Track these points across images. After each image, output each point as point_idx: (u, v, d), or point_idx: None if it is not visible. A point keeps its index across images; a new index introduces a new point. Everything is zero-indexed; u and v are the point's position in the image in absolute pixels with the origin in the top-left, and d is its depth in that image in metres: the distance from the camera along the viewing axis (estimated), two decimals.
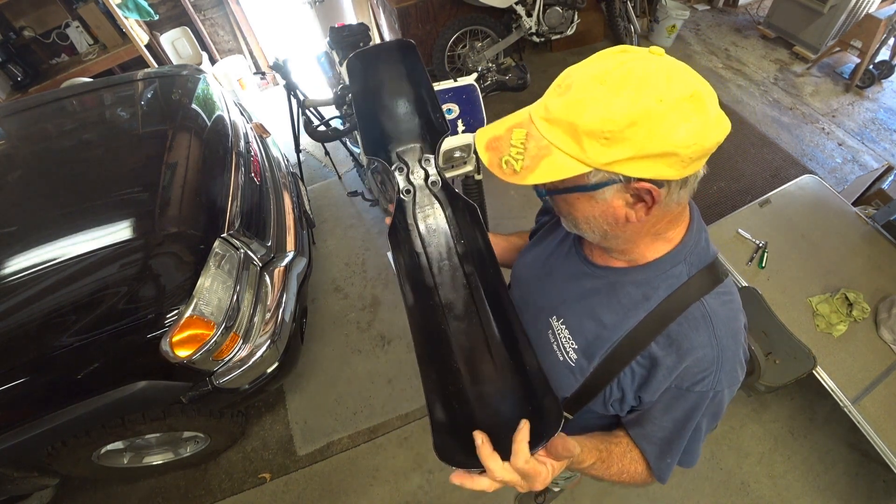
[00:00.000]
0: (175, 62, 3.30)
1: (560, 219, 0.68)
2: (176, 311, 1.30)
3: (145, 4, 2.99)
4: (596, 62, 0.54)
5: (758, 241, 1.84)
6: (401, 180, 0.77)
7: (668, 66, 0.51)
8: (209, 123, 1.83)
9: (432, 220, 0.77)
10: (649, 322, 0.65)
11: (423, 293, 0.73)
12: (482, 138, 0.61)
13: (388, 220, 0.78)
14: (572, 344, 0.73)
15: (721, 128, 0.52)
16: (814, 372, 1.55)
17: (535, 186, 0.61)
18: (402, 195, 0.77)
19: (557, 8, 3.04)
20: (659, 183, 0.54)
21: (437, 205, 0.77)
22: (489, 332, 0.71)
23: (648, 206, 0.57)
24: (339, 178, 2.93)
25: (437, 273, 0.75)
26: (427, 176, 0.77)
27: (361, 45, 2.28)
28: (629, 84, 0.50)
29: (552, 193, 0.62)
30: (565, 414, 0.78)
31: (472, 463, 0.54)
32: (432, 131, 0.77)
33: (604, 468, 0.71)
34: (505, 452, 0.54)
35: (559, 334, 0.75)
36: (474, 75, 1.42)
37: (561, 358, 0.74)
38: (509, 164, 0.57)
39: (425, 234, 0.77)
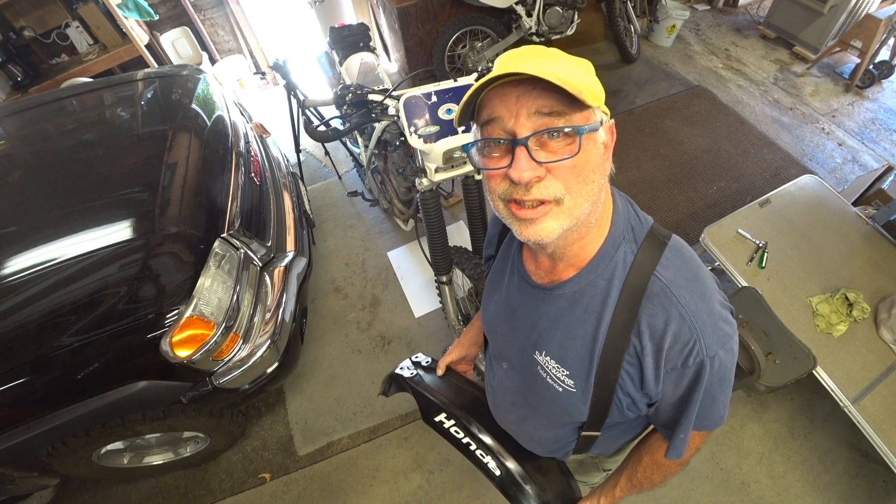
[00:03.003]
0: (175, 62, 3.31)
1: (534, 217, 0.59)
2: (176, 311, 1.30)
3: (145, 4, 2.99)
4: (514, 52, 0.60)
5: (758, 241, 1.84)
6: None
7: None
8: (209, 123, 1.83)
9: None
10: (619, 319, 0.64)
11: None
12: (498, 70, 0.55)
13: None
14: (563, 371, 0.71)
15: None
16: (814, 372, 1.55)
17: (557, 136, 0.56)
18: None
19: (557, 8, 3.04)
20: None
21: None
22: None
23: (609, 148, 0.62)
24: (339, 178, 2.93)
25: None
26: None
27: (361, 45, 2.29)
28: (550, 51, 0.60)
29: (577, 132, 0.55)
30: (593, 433, 0.79)
31: None
32: None
33: (629, 485, 0.84)
34: None
35: (547, 367, 0.73)
36: (474, 75, 1.42)
37: (560, 389, 0.73)
38: (550, 73, 0.51)
39: None
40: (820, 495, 1.70)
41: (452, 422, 0.93)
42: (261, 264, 1.58)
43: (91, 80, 2.76)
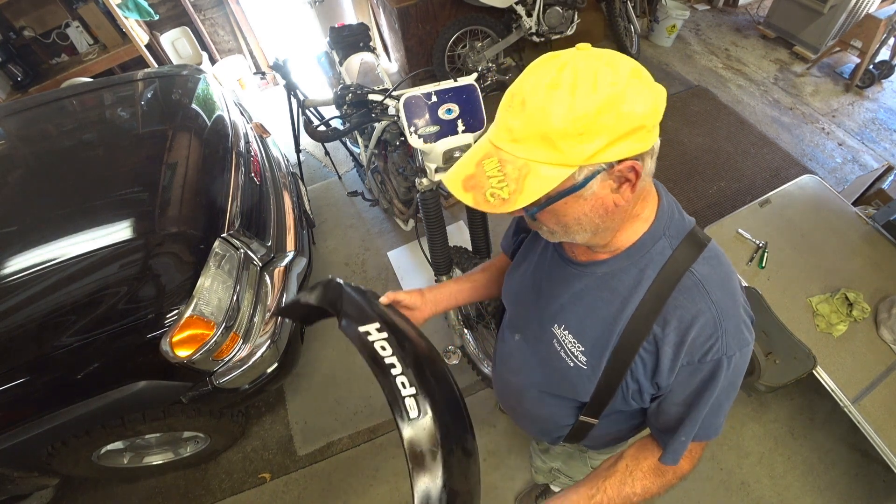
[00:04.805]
0: (175, 62, 3.30)
1: (543, 233, 0.67)
2: (176, 311, 1.30)
3: (145, 4, 2.99)
4: (537, 72, 0.54)
5: (758, 241, 1.84)
6: None
7: (601, 54, 0.54)
8: (209, 123, 1.83)
9: None
10: (645, 306, 0.65)
11: None
12: (455, 183, 0.59)
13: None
14: (578, 347, 0.72)
15: (662, 92, 0.56)
16: (814, 372, 1.55)
17: (526, 208, 0.58)
18: None
19: (557, 8, 3.04)
20: (637, 158, 0.56)
21: None
22: None
23: (633, 184, 0.58)
24: (339, 178, 2.93)
25: None
26: None
27: (361, 45, 2.29)
28: (581, 80, 0.51)
29: (544, 206, 0.59)
30: (591, 420, 0.79)
31: None
32: None
33: (618, 495, 0.73)
34: None
35: (563, 341, 0.74)
36: (474, 75, 1.41)
37: (572, 364, 0.74)
38: (496, 195, 0.55)
39: None
40: (820, 495, 1.70)
41: (383, 336, 0.72)
42: (261, 264, 1.58)
43: (91, 80, 2.76)
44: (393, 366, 0.69)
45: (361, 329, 0.73)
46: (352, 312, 0.76)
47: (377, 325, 0.73)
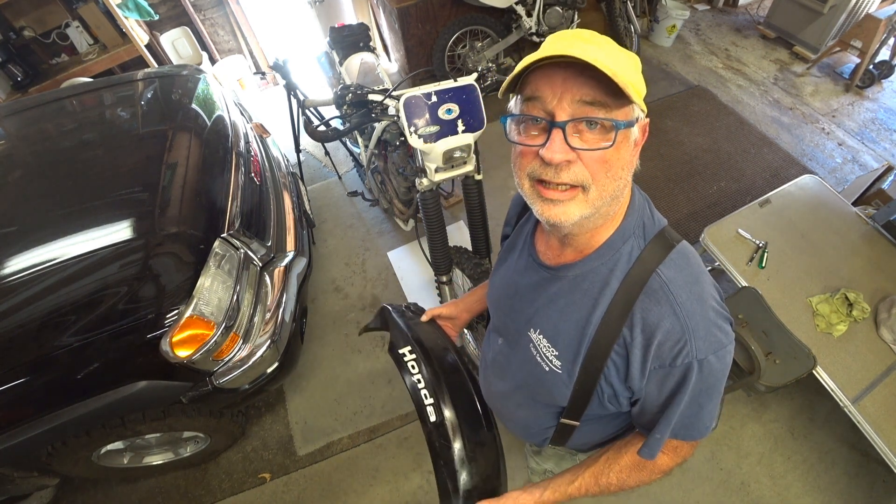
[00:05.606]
0: (175, 62, 3.30)
1: (563, 207, 0.61)
2: (176, 311, 1.30)
3: (145, 4, 2.99)
4: (574, 32, 0.60)
5: (758, 241, 1.84)
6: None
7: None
8: (209, 123, 1.83)
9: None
10: (614, 309, 0.65)
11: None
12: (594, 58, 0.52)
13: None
14: (553, 351, 0.72)
15: None
16: (814, 372, 1.54)
17: (618, 121, 0.56)
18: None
19: (557, 8, 3.04)
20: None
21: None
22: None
23: (639, 146, 0.62)
24: (339, 178, 2.93)
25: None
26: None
27: (361, 45, 2.29)
28: (609, 41, 0.59)
29: (627, 125, 0.57)
30: (572, 422, 0.79)
31: None
32: None
33: (594, 484, 0.77)
34: None
35: (539, 345, 0.74)
36: (474, 75, 1.42)
37: (547, 368, 0.74)
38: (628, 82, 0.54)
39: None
40: (820, 495, 1.70)
41: (413, 356, 0.93)
42: (261, 264, 1.58)
43: (91, 80, 2.76)
44: (419, 381, 0.90)
45: (400, 351, 0.96)
46: (395, 337, 1.01)
47: (409, 347, 0.96)
